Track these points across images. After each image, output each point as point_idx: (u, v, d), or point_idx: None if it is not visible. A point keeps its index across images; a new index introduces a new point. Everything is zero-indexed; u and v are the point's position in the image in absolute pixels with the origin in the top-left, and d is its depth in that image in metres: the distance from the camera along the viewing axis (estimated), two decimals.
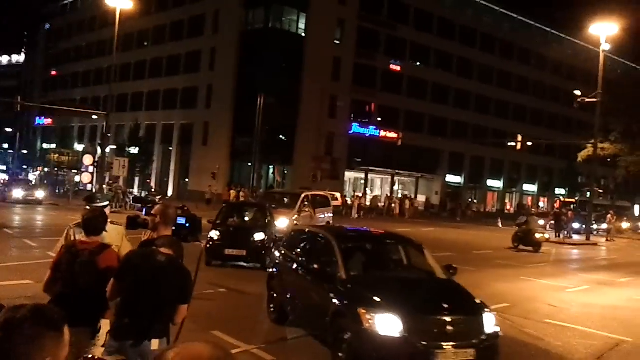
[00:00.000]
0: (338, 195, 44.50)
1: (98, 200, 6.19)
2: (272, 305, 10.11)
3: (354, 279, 8.16)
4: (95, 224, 5.06)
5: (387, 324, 7.01)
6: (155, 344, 4.25)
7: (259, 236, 15.93)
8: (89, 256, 4.86)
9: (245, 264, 15.65)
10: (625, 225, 47.59)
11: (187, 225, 5.56)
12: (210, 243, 15.29)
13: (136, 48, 65.86)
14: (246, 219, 18.22)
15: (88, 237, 5.01)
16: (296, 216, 22.82)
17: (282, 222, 20.26)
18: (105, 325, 4.76)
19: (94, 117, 56.78)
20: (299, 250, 10.12)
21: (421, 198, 63.82)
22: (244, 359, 7.76)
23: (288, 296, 9.56)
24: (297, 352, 8.51)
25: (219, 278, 13.36)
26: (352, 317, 7.33)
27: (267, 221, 17.15)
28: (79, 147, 69.93)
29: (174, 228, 5.31)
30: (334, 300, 7.90)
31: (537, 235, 27.29)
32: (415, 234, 32.53)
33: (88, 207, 6.01)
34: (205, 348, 1.40)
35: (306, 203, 24.56)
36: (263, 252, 15.24)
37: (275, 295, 10.05)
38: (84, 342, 4.50)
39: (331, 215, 27.46)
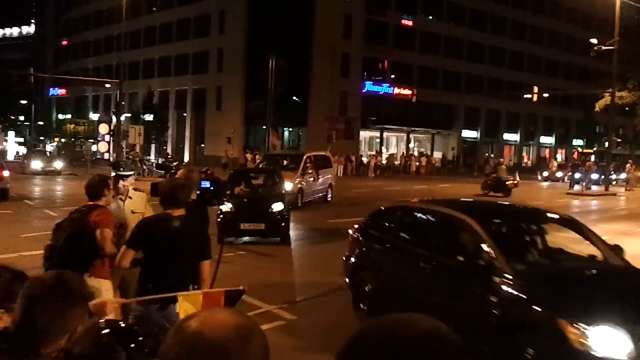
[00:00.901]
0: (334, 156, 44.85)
1: (122, 169, 6.22)
2: (364, 305, 8.06)
3: (523, 274, 6.10)
4: (91, 190, 5.14)
5: (610, 342, 5.13)
6: None
7: (277, 206, 14.33)
8: (80, 213, 4.98)
9: (263, 238, 14.26)
10: None
11: (212, 188, 5.58)
12: (221, 217, 13.58)
13: (145, 14, 65.32)
14: (258, 187, 16.71)
15: (90, 201, 5.13)
16: (299, 179, 21.63)
17: (286, 185, 19.01)
18: (104, 284, 4.79)
19: (107, 85, 56.83)
20: (404, 234, 8.05)
21: (437, 154, 63.51)
22: (267, 318, 7.89)
23: (396, 295, 7.58)
24: (317, 310, 8.62)
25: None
26: (546, 331, 5.39)
27: (281, 189, 15.91)
28: (94, 117, 70.16)
29: (198, 192, 5.35)
30: (501, 305, 5.93)
31: (508, 182, 30.72)
32: (434, 191, 32.47)
33: (114, 174, 6.10)
34: (230, 316, 1.37)
35: (309, 164, 23.21)
36: (283, 224, 14.13)
37: (368, 291, 7.95)
38: None
39: (332, 176, 26.27)
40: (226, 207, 13.82)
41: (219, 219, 13.24)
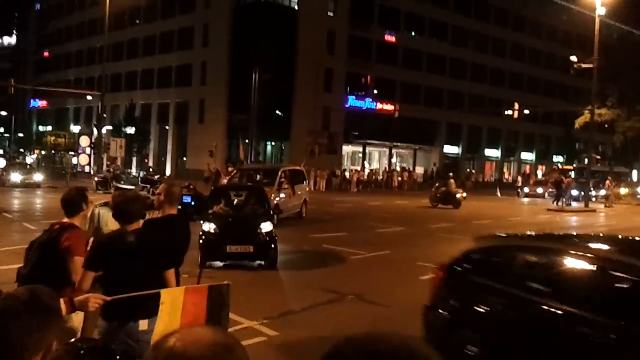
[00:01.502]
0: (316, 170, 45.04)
1: (122, 182, 6.18)
2: None
3: None
4: (68, 204, 5.03)
5: None
6: (143, 324, 4.20)
7: (266, 226, 12.93)
8: (49, 235, 4.85)
9: (250, 262, 12.84)
10: (623, 190, 47.65)
11: (193, 203, 5.59)
12: (204, 238, 12.42)
13: (128, 26, 65.23)
14: (241, 205, 15.15)
15: (66, 215, 5.00)
16: (274, 195, 19.87)
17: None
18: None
19: (89, 97, 56.55)
20: (531, 283, 5.85)
21: (419, 170, 63.82)
22: (248, 334, 7.81)
23: None
24: (299, 326, 8.56)
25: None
26: None
27: (268, 207, 14.57)
28: (75, 129, 69.66)
29: (179, 207, 5.30)
30: None
31: (457, 195, 32.13)
32: (414, 207, 32.62)
33: (114, 185, 6.06)
34: (208, 333, 1.35)
35: (284, 179, 21.96)
36: (272, 245, 12.73)
37: (474, 356, 5.91)
38: None
39: (306, 190, 25.22)
40: (209, 227, 12.67)
41: (201, 241, 12.19)
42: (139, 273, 4.33)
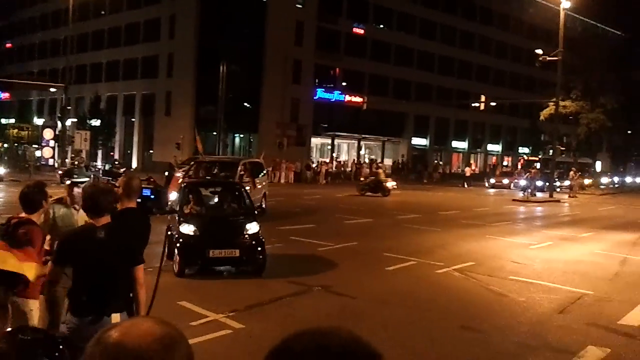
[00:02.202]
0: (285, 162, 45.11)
1: (76, 176, 6.04)
2: None
3: None
4: (27, 200, 4.92)
5: None
6: (115, 318, 4.16)
7: (252, 227, 11.55)
8: (5, 230, 4.74)
9: (233, 268, 11.54)
10: (587, 181, 48.55)
11: (153, 197, 5.48)
12: (181, 241, 11.07)
13: (93, 17, 64.04)
14: (219, 203, 13.72)
15: (25, 211, 4.89)
16: None
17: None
18: (31, 304, 4.61)
19: (53, 89, 55.45)
20: None
21: (388, 162, 64.12)
22: (212, 328, 7.75)
23: None
24: (265, 318, 8.51)
25: None
26: None
27: (250, 204, 12.88)
28: (38, 121, 68.30)
29: (139, 200, 5.20)
30: None
31: (388, 184, 33.94)
32: (382, 197, 32.76)
33: (69, 181, 5.91)
34: (153, 325, 1.31)
35: (243, 172, 20.30)
36: (260, 249, 11.27)
37: None
38: None
39: (265, 184, 23.56)
40: (188, 229, 11.32)
41: (178, 244, 10.98)
42: (110, 268, 4.27)
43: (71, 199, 6.02)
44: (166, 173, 27.86)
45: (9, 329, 1.79)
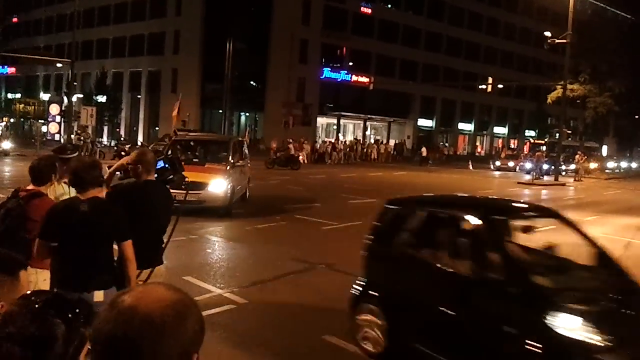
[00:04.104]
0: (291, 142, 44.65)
1: (69, 152, 5.98)
2: None
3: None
4: (37, 173, 4.91)
5: None
6: (98, 295, 4.09)
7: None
8: (17, 203, 4.75)
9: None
10: (593, 165, 48.39)
11: (167, 166, 5.38)
12: None
13: None
14: None
15: (34, 184, 4.89)
16: (227, 174, 15.50)
17: (217, 185, 14.79)
18: (42, 274, 4.62)
19: (59, 65, 55.33)
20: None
21: (393, 142, 64.03)
22: (217, 302, 7.83)
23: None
24: (268, 294, 8.59)
25: (186, 224, 13.33)
26: None
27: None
28: (44, 97, 68.31)
29: (156, 175, 5.15)
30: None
31: (299, 158, 37.16)
32: (388, 178, 32.80)
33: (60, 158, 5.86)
34: (166, 291, 1.34)
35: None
36: None
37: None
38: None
39: (249, 167, 19.97)
40: None
41: None
42: (92, 242, 4.21)
43: (61, 174, 5.96)
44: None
45: (27, 293, 1.83)
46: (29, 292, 1.81)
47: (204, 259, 10.85)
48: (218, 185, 14.79)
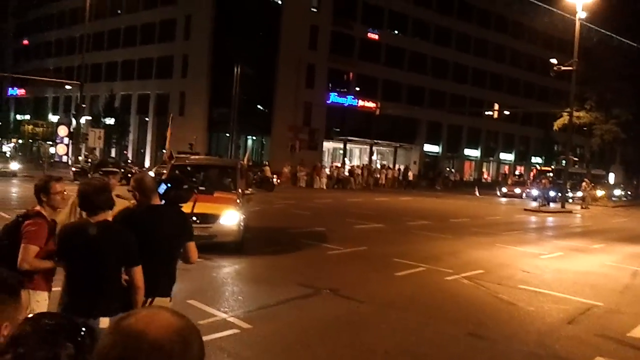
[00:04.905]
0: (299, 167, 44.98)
1: (110, 165, 5.97)
2: None
3: None
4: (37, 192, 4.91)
5: None
6: (104, 322, 3.97)
7: None
8: (16, 221, 4.74)
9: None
10: (599, 192, 48.24)
11: (169, 185, 5.19)
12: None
13: (109, 16, 64.58)
14: None
15: (39, 203, 4.89)
16: (237, 205, 13.68)
17: (229, 217, 13.13)
18: (35, 295, 4.57)
19: (68, 87, 55.96)
20: None
21: (400, 167, 64.04)
22: (221, 327, 7.78)
23: None
24: (273, 319, 8.54)
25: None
26: None
27: None
28: (53, 118, 68.88)
29: (162, 200, 5.02)
30: None
31: (272, 180, 37.61)
32: (394, 203, 32.75)
33: (101, 173, 5.83)
34: (172, 316, 1.33)
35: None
36: None
37: None
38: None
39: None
40: None
41: None
42: (99, 267, 4.11)
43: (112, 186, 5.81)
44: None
45: (31, 314, 1.84)
46: (40, 313, 1.81)
47: (208, 282, 10.82)
48: (230, 218, 13.16)
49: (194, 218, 10.75)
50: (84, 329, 1.69)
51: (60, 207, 5.18)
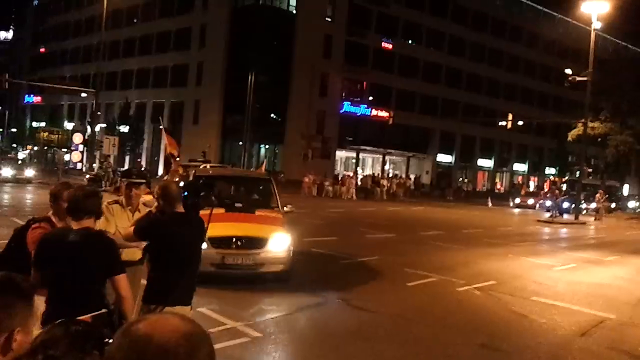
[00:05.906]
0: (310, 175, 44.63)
1: (134, 176, 6.00)
2: None
3: None
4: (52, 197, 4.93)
5: None
6: None
7: None
8: (26, 225, 4.79)
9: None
10: (613, 204, 47.88)
11: (186, 193, 5.19)
12: None
13: (125, 25, 65.18)
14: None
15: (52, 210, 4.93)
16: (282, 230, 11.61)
17: (281, 241, 10.94)
18: (40, 301, 4.56)
19: (84, 95, 56.40)
20: None
21: (413, 177, 63.91)
22: (231, 335, 7.80)
23: None
24: (283, 328, 8.55)
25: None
26: None
27: None
28: (68, 126, 69.49)
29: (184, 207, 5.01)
30: None
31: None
32: (406, 213, 32.67)
33: (126, 181, 5.87)
34: (180, 321, 1.34)
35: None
36: None
37: None
38: None
39: None
40: None
41: None
42: (80, 276, 3.94)
43: (127, 200, 5.88)
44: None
45: (60, 320, 1.87)
46: (69, 319, 1.85)
47: (218, 290, 10.83)
48: (280, 242, 10.84)
49: (237, 242, 10.42)
50: (108, 338, 1.73)
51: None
